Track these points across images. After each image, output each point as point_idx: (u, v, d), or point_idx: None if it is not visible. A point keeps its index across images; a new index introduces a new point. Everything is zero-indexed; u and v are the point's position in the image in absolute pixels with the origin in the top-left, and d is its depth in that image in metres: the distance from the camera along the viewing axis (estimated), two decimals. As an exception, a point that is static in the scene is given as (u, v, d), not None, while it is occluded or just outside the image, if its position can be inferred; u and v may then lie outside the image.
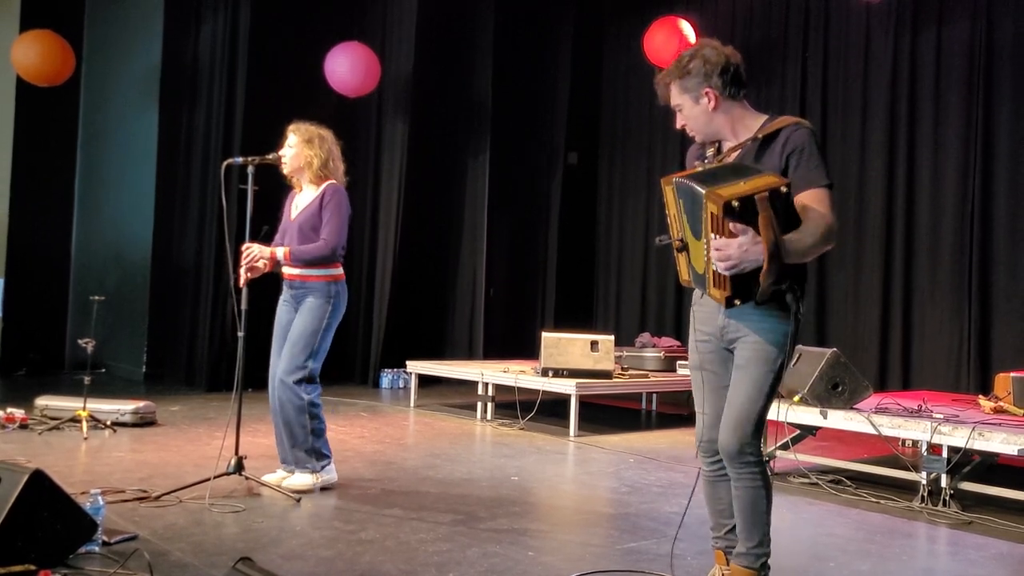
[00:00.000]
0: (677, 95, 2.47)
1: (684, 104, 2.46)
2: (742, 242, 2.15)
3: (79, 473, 4.05)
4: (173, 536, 3.12)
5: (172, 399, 6.60)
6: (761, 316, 2.37)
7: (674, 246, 2.40)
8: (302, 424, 3.82)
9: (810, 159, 2.32)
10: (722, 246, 2.17)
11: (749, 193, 2.14)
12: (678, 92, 2.47)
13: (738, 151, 2.42)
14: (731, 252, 2.16)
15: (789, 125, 2.38)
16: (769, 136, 2.39)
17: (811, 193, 2.30)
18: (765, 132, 2.39)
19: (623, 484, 4.38)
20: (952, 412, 4.36)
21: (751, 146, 2.41)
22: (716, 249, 2.18)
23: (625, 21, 9.10)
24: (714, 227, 2.19)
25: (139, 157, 8.19)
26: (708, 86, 2.41)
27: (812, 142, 2.34)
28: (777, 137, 2.37)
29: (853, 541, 3.45)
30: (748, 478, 2.41)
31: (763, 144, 2.39)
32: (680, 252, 2.40)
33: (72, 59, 7.12)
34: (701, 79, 2.41)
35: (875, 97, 7.17)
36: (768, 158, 2.36)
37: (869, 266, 7.10)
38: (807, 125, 2.39)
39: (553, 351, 5.92)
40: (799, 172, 2.32)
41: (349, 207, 3.98)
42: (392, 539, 3.22)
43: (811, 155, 2.33)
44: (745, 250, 2.15)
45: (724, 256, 2.17)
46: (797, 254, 2.24)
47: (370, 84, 7.52)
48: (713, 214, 2.17)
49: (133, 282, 8.14)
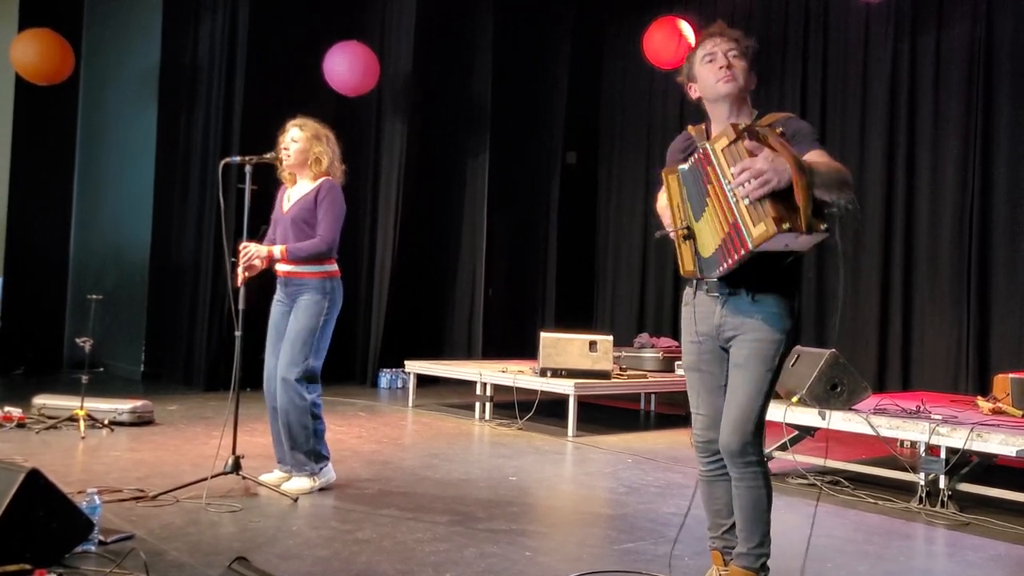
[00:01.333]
0: (741, 53, 2.44)
1: (744, 56, 2.44)
2: (765, 155, 2.10)
3: (76, 472, 4.04)
4: (169, 536, 3.12)
5: (170, 398, 6.59)
6: (759, 313, 2.37)
7: (679, 234, 2.37)
8: (304, 425, 3.80)
9: (808, 135, 2.36)
10: (748, 164, 2.10)
11: (750, 125, 2.15)
12: (745, 52, 2.45)
13: None
14: (760, 165, 2.09)
15: (782, 117, 2.41)
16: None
17: (816, 152, 2.31)
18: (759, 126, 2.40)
19: (621, 484, 4.38)
20: (950, 413, 4.36)
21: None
22: (744, 169, 2.10)
23: (624, 20, 9.10)
24: (729, 160, 2.15)
25: (138, 156, 8.19)
26: (753, 71, 2.48)
27: (808, 126, 2.40)
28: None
29: (851, 542, 3.45)
30: (750, 477, 2.41)
31: None
32: (685, 240, 2.37)
33: (71, 58, 7.11)
34: (751, 63, 2.46)
35: (874, 97, 7.17)
36: None
37: (868, 266, 7.10)
38: (798, 117, 2.46)
39: (552, 351, 5.92)
40: (799, 145, 2.30)
41: (344, 203, 3.96)
42: (389, 539, 3.21)
43: (808, 133, 2.37)
44: (771, 160, 2.09)
45: (756, 172, 2.09)
46: (820, 176, 2.16)
47: (369, 83, 7.52)
48: (725, 147, 2.13)
49: (131, 281, 8.13)
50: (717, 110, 2.48)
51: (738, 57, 2.42)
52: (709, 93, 2.46)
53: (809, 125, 2.41)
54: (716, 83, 2.42)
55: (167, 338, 7.87)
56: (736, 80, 2.41)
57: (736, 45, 2.43)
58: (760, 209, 2.10)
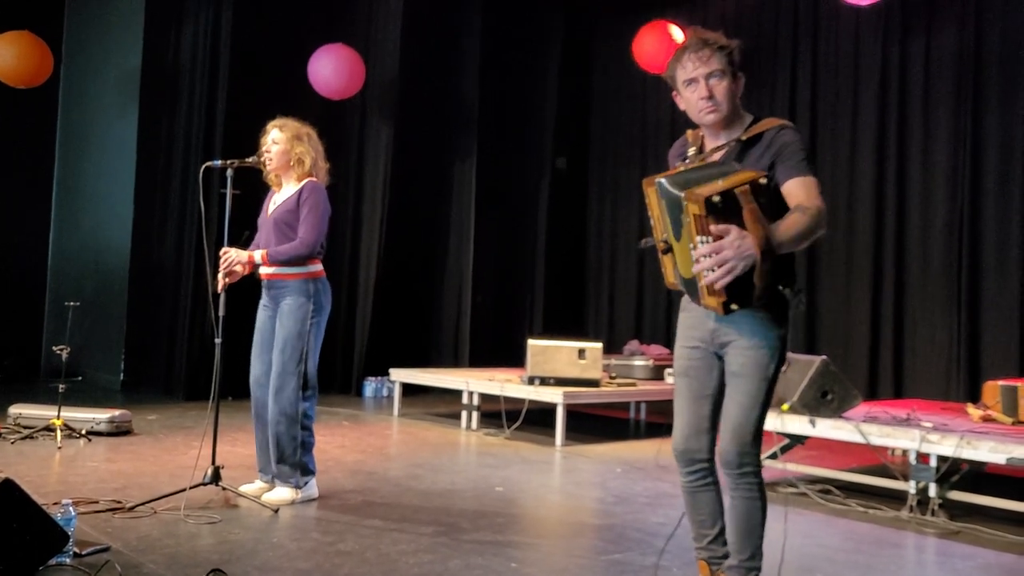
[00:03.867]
0: (722, 63, 2.35)
1: (725, 75, 2.35)
2: (731, 240, 2.05)
3: (52, 483, 3.95)
4: (146, 547, 3.03)
5: (149, 408, 6.48)
6: (753, 320, 2.32)
7: (659, 248, 2.34)
8: (293, 436, 3.72)
9: (795, 154, 2.28)
10: (713, 249, 2.07)
11: (729, 188, 2.07)
12: (725, 61, 2.36)
13: (722, 151, 2.38)
14: (725, 254, 2.05)
15: (773, 127, 2.35)
16: (752, 138, 2.35)
17: (797, 181, 2.25)
18: (749, 134, 2.35)
19: (609, 494, 4.32)
20: (941, 421, 4.33)
21: (735, 147, 2.37)
22: (706, 256, 2.08)
23: (614, 25, 9.08)
24: (698, 229, 2.11)
25: (118, 160, 8.08)
26: (740, 74, 2.39)
27: (797, 140, 2.31)
28: (761, 139, 2.34)
29: (841, 551, 3.41)
30: (745, 488, 2.37)
31: (746, 145, 2.36)
32: (665, 254, 2.34)
33: (50, 60, 7.02)
34: (738, 65, 2.38)
35: (864, 103, 7.18)
36: (751, 159, 2.33)
37: (859, 273, 7.10)
38: (790, 126, 2.36)
39: (540, 359, 5.85)
40: (784, 166, 2.27)
41: (328, 205, 3.88)
42: (372, 551, 3.14)
43: (796, 151, 2.29)
44: (737, 247, 2.05)
45: (719, 260, 2.06)
46: (791, 242, 2.15)
47: (355, 86, 7.45)
48: (696, 215, 2.09)
49: (111, 288, 8.02)
50: (705, 127, 2.44)
51: (720, 78, 2.35)
52: (694, 118, 2.43)
53: (798, 138, 2.32)
54: (699, 113, 2.37)
55: (147, 346, 7.76)
56: (719, 110, 2.35)
57: (716, 65, 2.34)
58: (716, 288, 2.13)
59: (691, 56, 2.36)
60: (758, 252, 2.06)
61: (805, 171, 2.27)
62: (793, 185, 2.25)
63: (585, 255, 9.50)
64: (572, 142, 9.47)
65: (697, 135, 2.49)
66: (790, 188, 2.25)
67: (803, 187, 2.24)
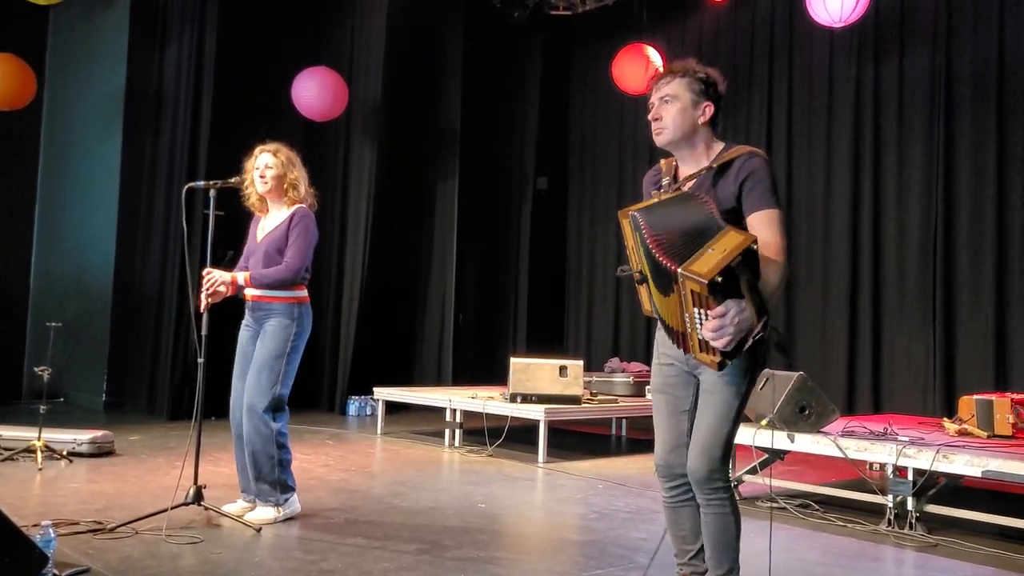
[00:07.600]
0: (681, 87, 2.42)
1: (682, 100, 2.41)
2: (733, 316, 2.07)
3: (32, 504, 3.92)
4: (127, 569, 3.02)
5: (132, 428, 6.45)
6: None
7: (635, 279, 2.38)
8: (269, 455, 3.73)
9: (761, 183, 2.33)
10: (716, 326, 2.08)
11: (727, 263, 2.07)
12: (684, 86, 2.42)
13: (694, 180, 2.43)
14: (729, 330, 2.07)
15: (743, 155, 2.39)
16: (724, 165, 2.40)
17: (761, 215, 2.31)
18: (720, 161, 2.41)
19: (591, 510, 4.34)
20: (917, 435, 4.39)
21: (707, 175, 2.41)
22: (711, 331, 2.09)
23: (593, 48, 9.21)
24: (696, 302, 2.13)
25: (102, 182, 8.08)
26: (709, 100, 2.43)
27: (765, 168, 2.36)
28: (731, 166, 2.39)
29: (820, 565, 3.44)
30: (717, 504, 2.40)
31: (718, 173, 2.41)
32: (640, 283, 2.38)
33: (33, 82, 7.03)
34: (708, 90, 2.43)
35: (839, 123, 7.31)
36: (723, 187, 2.38)
37: (836, 290, 7.19)
38: (761, 154, 2.41)
39: (522, 376, 5.88)
40: (750, 197, 2.33)
41: (316, 232, 3.91)
42: (355, 569, 3.14)
43: (763, 180, 2.34)
44: (738, 322, 2.07)
45: (723, 335, 2.08)
46: (772, 299, 2.22)
47: (338, 109, 7.51)
48: (695, 292, 2.11)
49: (93, 309, 7.99)
50: (674, 151, 2.50)
51: (672, 102, 2.41)
52: None
53: (765, 166, 2.36)
54: (654, 135, 2.46)
55: (130, 367, 7.72)
56: (664, 132, 2.42)
57: (668, 90, 2.41)
58: (710, 346, 2.15)
59: (656, 83, 2.47)
60: (756, 318, 2.10)
61: (770, 203, 2.32)
62: (757, 220, 2.30)
63: (565, 274, 9.57)
64: (552, 163, 9.56)
65: (671, 164, 2.53)
66: (754, 222, 2.30)
67: (767, 223, 2.29)
